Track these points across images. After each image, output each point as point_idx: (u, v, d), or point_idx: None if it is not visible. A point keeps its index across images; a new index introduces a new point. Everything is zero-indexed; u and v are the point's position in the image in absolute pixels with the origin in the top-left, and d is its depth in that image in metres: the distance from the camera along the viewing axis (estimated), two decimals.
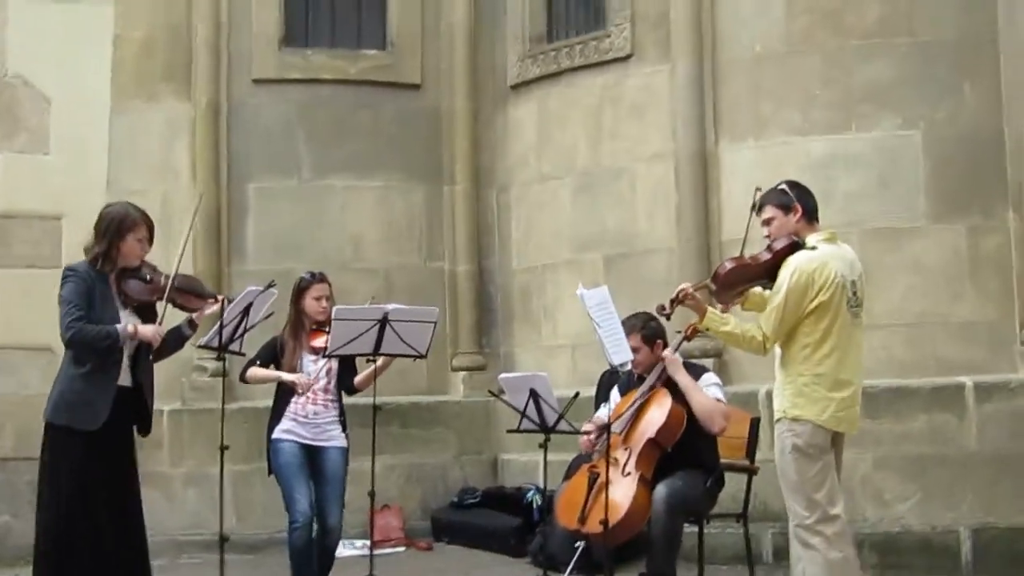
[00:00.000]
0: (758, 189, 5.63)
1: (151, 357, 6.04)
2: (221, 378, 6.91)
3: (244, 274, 8.85)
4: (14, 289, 9.09)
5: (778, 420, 5.41)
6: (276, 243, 9.20)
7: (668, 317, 5.73)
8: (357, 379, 6.98)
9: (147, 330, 5.87)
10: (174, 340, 6.15)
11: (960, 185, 7.70)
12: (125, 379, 5.93)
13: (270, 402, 7.13)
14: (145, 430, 6.12)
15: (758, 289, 5.61)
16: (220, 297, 6.20)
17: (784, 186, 5.57)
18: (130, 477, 6.09)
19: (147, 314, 6.04)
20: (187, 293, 6.09)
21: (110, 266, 5.91)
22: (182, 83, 9.33)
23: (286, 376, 6.78)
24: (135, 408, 5.99)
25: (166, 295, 5.95)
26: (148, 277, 6.00)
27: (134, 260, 5.98)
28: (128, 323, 5.84)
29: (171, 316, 6.16)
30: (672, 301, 5.54)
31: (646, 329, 6.58)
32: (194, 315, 6.12)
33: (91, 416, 5.79)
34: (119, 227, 5.92)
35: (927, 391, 7.54)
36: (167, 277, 6.02)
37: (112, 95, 9.40)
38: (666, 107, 8.38)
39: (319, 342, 6.85)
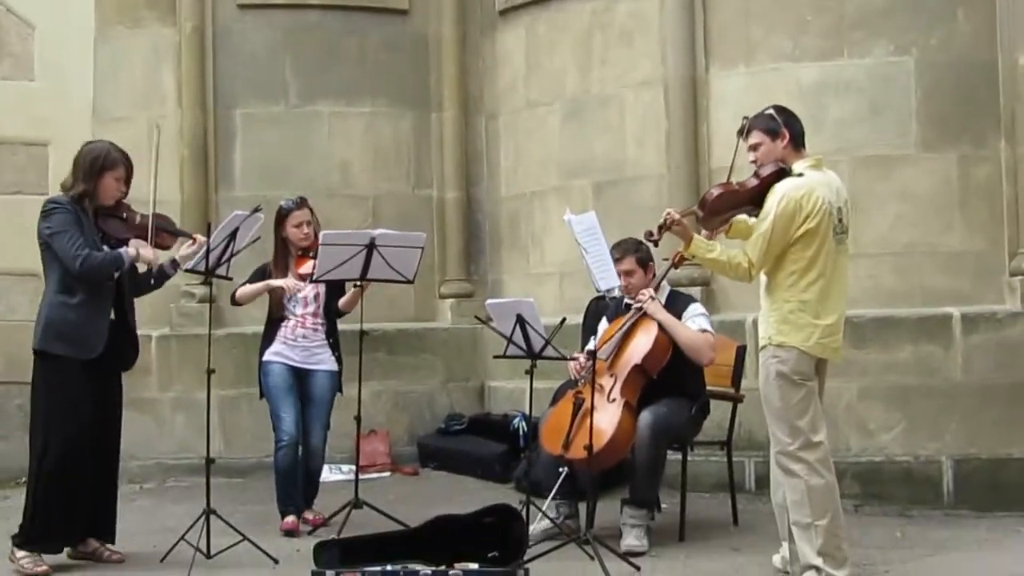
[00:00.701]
0: (745, 119, 5.59)
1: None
2: (208, 304, 6.92)
3: (231, 200, 8.80)
4: (0, 215, 9.06)
5: (763, 347, 5.42)
6: (263, 169, 9.14)
7: (656, 244, 5.71)
8: (341, 301, 7.03)
9: (148, 252, 6.02)
10: (157, 278, 6.22)
11: (952, 113, 7.63)
12: (111, 313, 6.00)
13: (258, 328, 7.17)
14: (130, 364, 6.21)
15: (743, 217, 5.60)
16: (197, 237, 6.24)
17: (772, 111, 5.51)
18: (116, 407, 6.22)
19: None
20: (164, 232, 6.17)
21: (91, 204, 5.98)
22: (166, 9, 9.20)
23: (275, 281, 6.85)
24: (121, 341, 6.04)
25: (151, 237, 6.04)
26: (125, 216, 6.13)
27: (110, 199, 6.05)
28: (130, 247, 5.97)
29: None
30: (660, 227, 5.52)
31: (640, 252, 6.58)
32: (178, 256, 6.21)
33: (87, 345, 5.93)
34: (101, 166, 6.01)
35: (914, 321, 7.52)
36: (143, 216, 6.08)
37: (96, 21, 9.29)
38: (655, 33, 8.27)
39: (305, 268, 6.89)
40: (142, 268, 6.17)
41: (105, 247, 5.98)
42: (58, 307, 5.92)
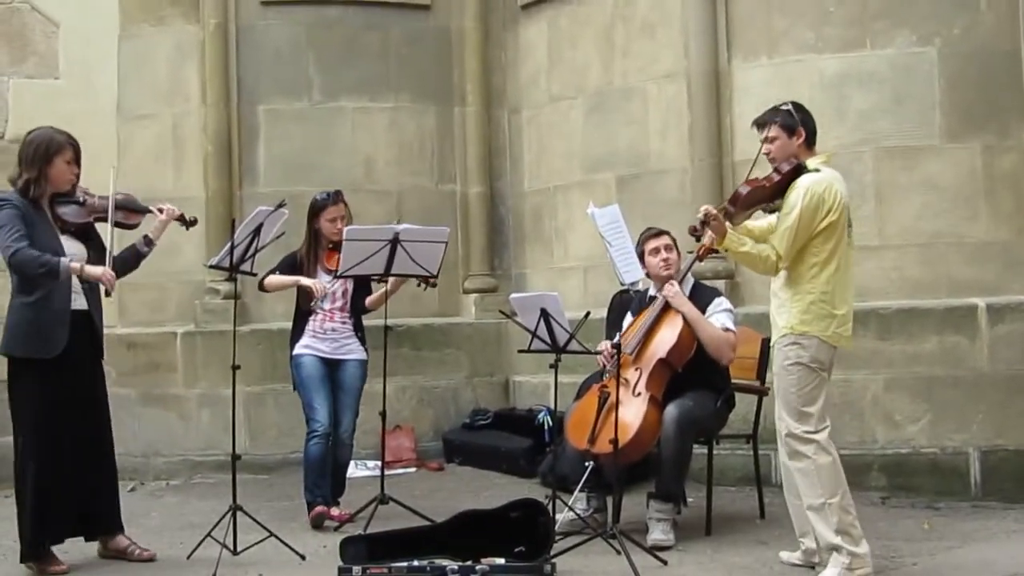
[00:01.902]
0: (784, 106, 5.66)
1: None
2: (233, 300, 6.94)
3: (256, 196, 8.79)
4: None
5: (782, 335, 5.47)
6: (287, 165, 9.15)
7: (699, 238, 5.72)
8: (368, 300, 7.07)
9: (95, 271, 5.83)
10: (132, 259, 6.17)
11: (976, 102, 7.59)
12: (80, 303, 5.94)
13: (283, 324, 7.21)
14: (99, 355, 6.14)
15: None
16: (163, 207, 6.19)
17: (790, 107, 5.61)
18: (98, 403, 6.12)
19: (86, 237, 6.06)
20: (126, 210, 6.10)
21: (39, 192, 5.88)
22: (190, 5, 9.22)
23: (304, 280, 6.88)
24: (92, 332, 6.01)
25: (111, 218, 5.95)
26: (82, 199, 6.00)
27: (64, 184, 5.96)
28: (73, 259, 5.80)
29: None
30: (701, 223, 5.54)
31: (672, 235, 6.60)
32: (150, 232, 6.17)
33: (47, 344, 5.81)
34: (46, 151, 5.89)
35: (939, 312, 7.49)
36: (102, 198, 6.00)
37: (120, 18, 9.34)
38: (678, 25, 8.23)
39: (334, 262, 6.90)
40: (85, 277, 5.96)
41: (64, 236, 5.90)
42: (18, 308, 5.85)
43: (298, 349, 6.99)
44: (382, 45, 9.42)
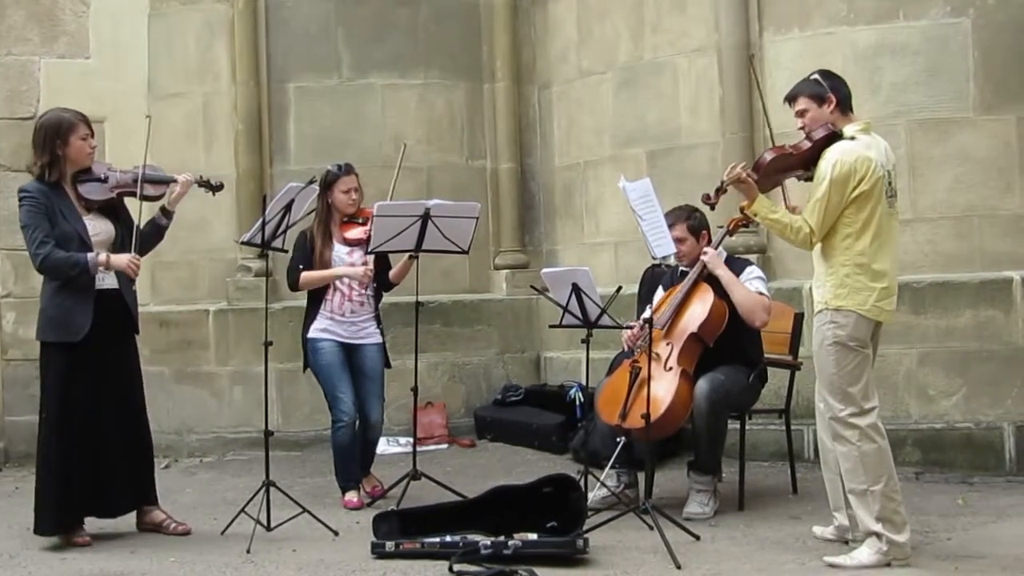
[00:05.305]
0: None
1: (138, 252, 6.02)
2: (265, 277, 6.93)
3: (286, 174, 8.79)
4: None
5: (819, 311, 5.37)
6: (318, 142, 9.15)
7: (712, 207, 5.65)
8: (392, 273, 6.99)
9: (121, 260, 5.89)
10: (155, 233, 6.19)
11: (1010, 74, 7.50)
12: (109, 282, 5.98)
13: None
14: (132, 331, 6.17)
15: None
16: (179, 178, 6.17)
17: (817, 76, 5.47)
18: (131, 380, 6.16)
19: (114, 214, 6.08)
20: (152, 182, 6.10)
21: (58, 174, 5.90)
22: None
23: (341, 270, 6.79)
24: (124, 310, 6.04)
25: (139, 193, 5.98)
26: (104, 176, 6.00)
27: (84, 160, 5.98)
28: (99, 250, 5.86)
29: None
30: (717, 191, 5.48)
31: (692, 219, 6.56)
32: (166, 203, 6.16)
33: (72, 329, 5.86)
34: (56, 132, 5.91)
35: (973, 285, 7.44)
36: (123, 172, 6.04)
37: None
38: None
39: (352, 233, 6.86)
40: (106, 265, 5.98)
41: (90, 216, 5.94)
42: (48, 295, 5.93)
43: (315, 333, 6.86)
44: (411, 21, 9.39)
